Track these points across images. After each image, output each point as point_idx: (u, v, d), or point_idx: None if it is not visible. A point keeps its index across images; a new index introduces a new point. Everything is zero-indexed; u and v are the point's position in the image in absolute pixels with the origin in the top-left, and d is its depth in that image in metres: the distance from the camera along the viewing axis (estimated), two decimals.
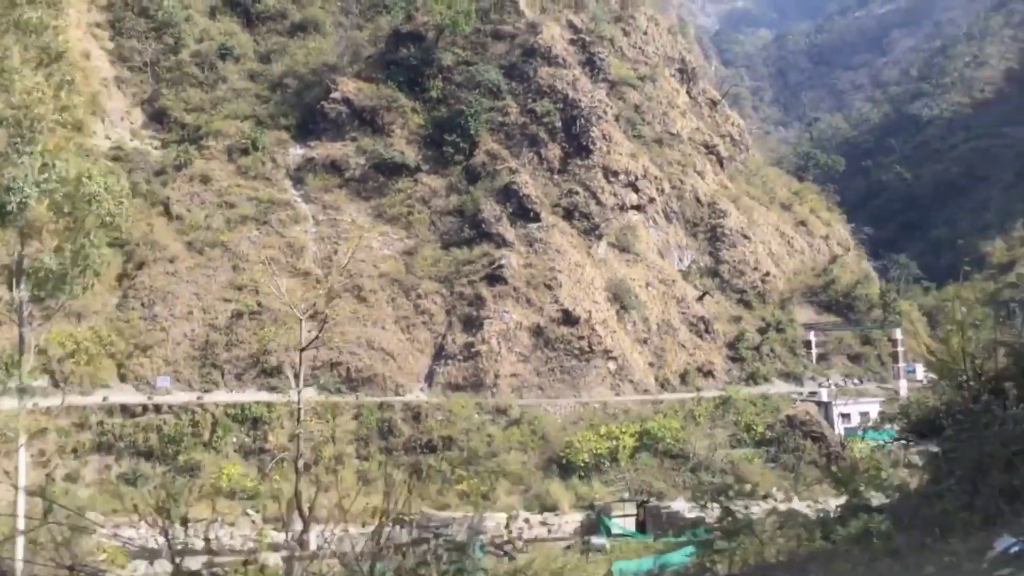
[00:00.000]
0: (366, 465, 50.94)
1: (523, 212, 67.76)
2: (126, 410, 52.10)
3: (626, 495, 48.58)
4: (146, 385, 55.73)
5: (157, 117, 75.26)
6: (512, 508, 46.60)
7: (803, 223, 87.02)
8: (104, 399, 52.25)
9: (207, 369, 58.45)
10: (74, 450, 49.80)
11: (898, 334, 69.18)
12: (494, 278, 63.50)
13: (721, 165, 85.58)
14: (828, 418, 58.15)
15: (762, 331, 71.26)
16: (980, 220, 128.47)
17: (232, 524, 45.20)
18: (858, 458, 32.08)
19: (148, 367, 57.10)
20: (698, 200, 78.49)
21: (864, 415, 58.57)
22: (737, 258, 76.26)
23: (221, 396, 56.48)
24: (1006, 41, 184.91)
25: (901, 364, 68.36)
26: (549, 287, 63.49)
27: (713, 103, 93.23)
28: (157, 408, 52.16)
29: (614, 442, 51.55)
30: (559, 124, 72.87)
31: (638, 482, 49.82)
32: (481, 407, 55.67)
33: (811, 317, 75.29)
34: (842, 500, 12.13)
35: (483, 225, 66.44)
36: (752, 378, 67.65)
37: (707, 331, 69.61)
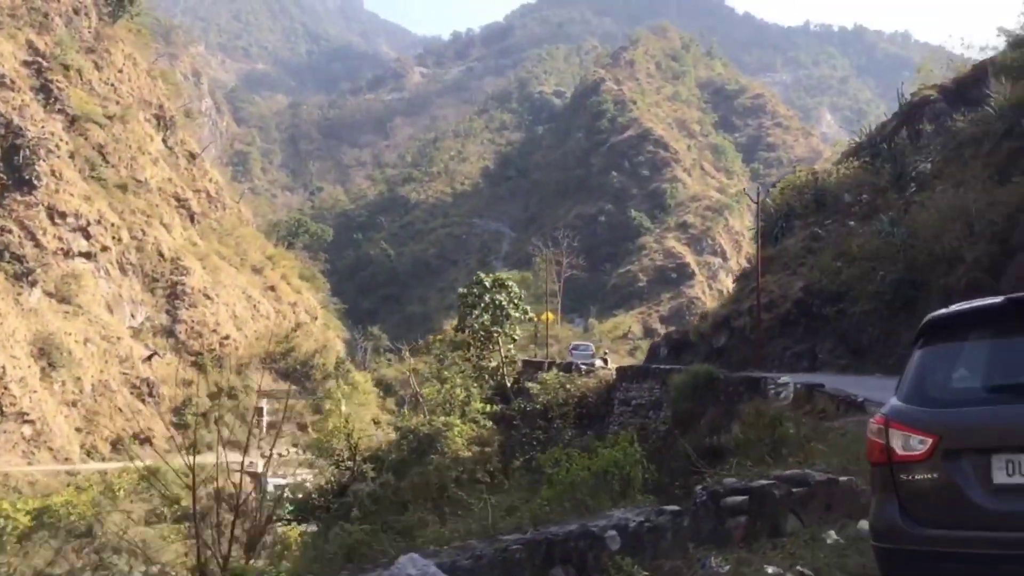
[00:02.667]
0: None
1: None
2: None
3: None
4: None
5: None
6: None
7: (273, 288, 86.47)
8: None
9: None
10: None
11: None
12: None
13: (192, 220, 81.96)
14: (262, 489, 56.57)
15: (213, 397, 68.27)
16: (447, 299, 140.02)
17: None
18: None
19: None
20: (161, 254, 73.84)
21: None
22: (196, 319, 72.80)
23: None
24: (484, 143, 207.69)
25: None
26: None
27: (192, 156, 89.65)
28: None
29: (3, 521, 44.44)
30: None
31: (27, 569, 43.31)
32: None
33: (268, 384, 74.09)
34: None
35: None
36: (195, 446, 63.95)
37: (151, 395, 64.90)
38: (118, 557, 46.68)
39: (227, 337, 74.00)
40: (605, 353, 48.71)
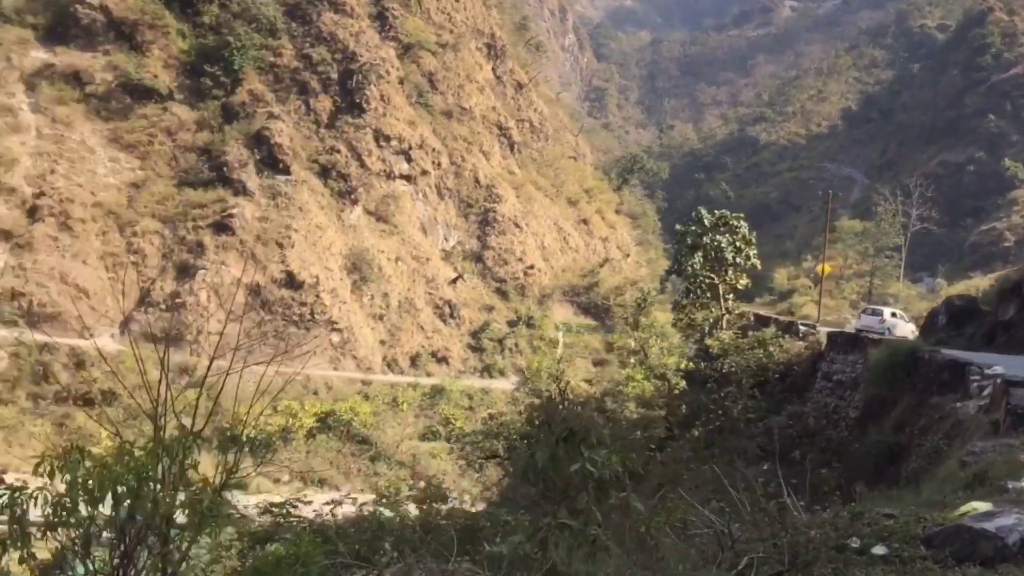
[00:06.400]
0: (3, 411, 45.48)
1: (273, 162, 63.07)
2: None
3: (285, 478, 45.18)
4: None
5: None
6: None
7: (586, 221, 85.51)
8: None
9: None
10: None
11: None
12: (222, 227, 58.68)
13: (512, 149, 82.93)
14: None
15: (511, 324, 69.08)
16: (782, 246, 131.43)
17: None
18: None
19: None
20: (477, 181, 75.55)
21: None
22: (504, 246, 73.83)
23: None
24: (849, 81, 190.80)
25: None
26: (280, 245, 59.19)
27: (519, 85, 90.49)
28: None
29: (290, 420, 47.85)
30: (335, 76, 68.38)
31: (304, 466, 46.44)
32: (163, 363, 50.83)
33: (568, 316, 73.73)
34: None
35: (225, 168, 61.41)
36: (488, 370, 65.34)
37: (452, 316, 66.92)
38: (387, 466, 48.55)
39: (532, 266, 74.36)
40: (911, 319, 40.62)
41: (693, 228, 29.50)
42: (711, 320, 29.41)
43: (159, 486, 5.83)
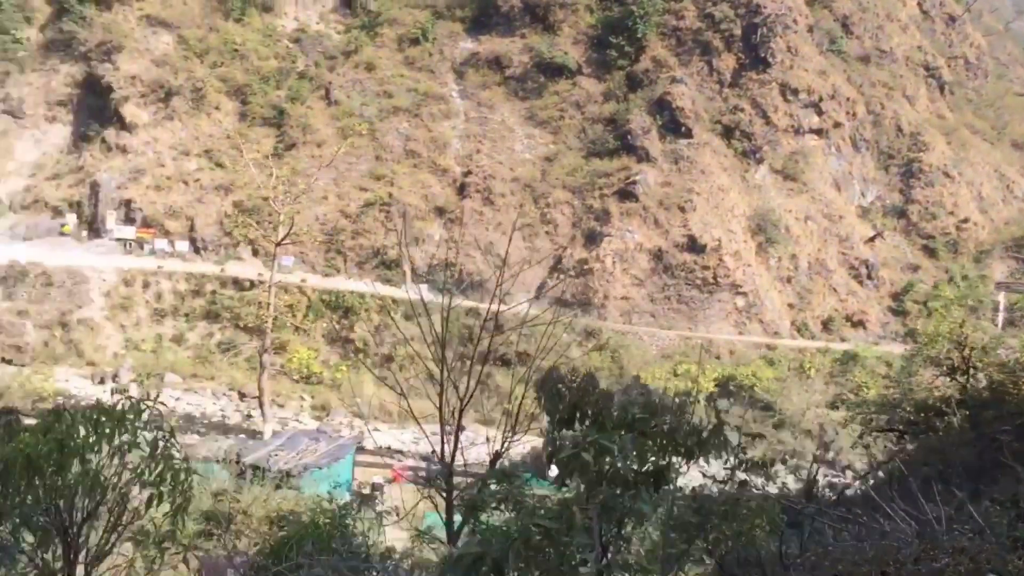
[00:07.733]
0: (436, 369, 50.97)
1: (675, 126, 63.10)
2: (237, 283, 55.59)
3: None
4: (272, 262, 58.78)
5: (348, 1, 76.30)
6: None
7: None
8: (222, 270, 56.08)
9: (332, 254, 60.73)
10: (186, 314, 54.11)
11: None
12: (626, 194, 60.14)
13: (942, 91, 74.20)
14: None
15: (940, 284, 62.38)
16: None
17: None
18: None
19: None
20: (899, 129, 68.97)
21: None
22: (932, 199, 66.69)
23: (338, 283, 58.79)
24: None
25: None
26: (682, 209, 59.19)
27: (951, 19, 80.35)
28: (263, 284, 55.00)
29: (690, 384, 47.81)
30: (738, 32, 66.39)
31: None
32: (572, 327, 53.58)
33: (1013, 276, 64.76)
34: None
35: (628, 136, 62.73)
36: (912, 335, 59.64)
37: (869, 277, 62.17)
38: (791, 435, 46.62)
39: (966, 220, 66.34)
40: None
41: None
42: None
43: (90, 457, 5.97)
